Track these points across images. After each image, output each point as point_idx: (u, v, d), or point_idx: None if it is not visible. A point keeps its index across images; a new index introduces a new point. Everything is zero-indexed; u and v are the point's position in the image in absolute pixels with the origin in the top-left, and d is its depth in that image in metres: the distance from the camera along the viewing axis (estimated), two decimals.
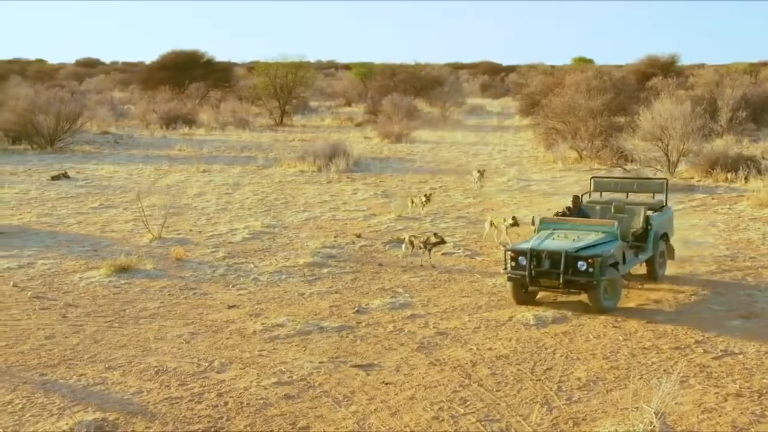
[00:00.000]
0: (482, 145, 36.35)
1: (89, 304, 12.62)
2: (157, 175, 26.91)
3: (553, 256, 11.85)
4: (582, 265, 11.69)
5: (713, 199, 22.01)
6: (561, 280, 11.81)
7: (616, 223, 12.57)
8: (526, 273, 11.98)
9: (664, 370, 9.66)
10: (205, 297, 13.09)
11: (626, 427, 8.10)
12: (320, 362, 10.10)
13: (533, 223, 13.28)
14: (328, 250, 16.11)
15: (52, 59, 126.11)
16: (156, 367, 9.95)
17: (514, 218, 16.39)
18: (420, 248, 14.89)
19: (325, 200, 22.16)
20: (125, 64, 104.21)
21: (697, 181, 24.89)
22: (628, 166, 25.97)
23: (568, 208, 13.88)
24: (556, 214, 13.75)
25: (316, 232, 17.99)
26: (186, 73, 56.40)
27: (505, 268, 12.39)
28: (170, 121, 43.50)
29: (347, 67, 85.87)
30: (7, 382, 9.44)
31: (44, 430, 8.17)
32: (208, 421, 8.44)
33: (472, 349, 10.64)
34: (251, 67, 67.05)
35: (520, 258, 12.07)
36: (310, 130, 43.88)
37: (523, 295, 12.43)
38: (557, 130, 30.90)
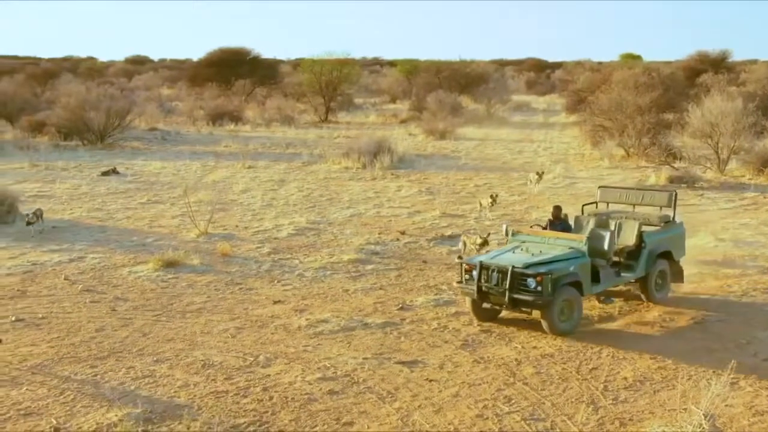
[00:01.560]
0: (528, 142, 36.06)
1: (138, 298, 12.83)
2: (204, 172, 27.21)
3: (502, 271, 10.92)
4: (531, 283, 10.69)
5: (765, 197, 21.56)
6: (506, 298, 10.84)
7: (584, 239, 11.43)
8: (475, 288, 11.11)
9: (714, 371, 9.50)
10: (250, 292, 13.21)
11: (674, 429, 7.98)
12: (364, 358, 10.13)
13: (506, 234, 12.34)
14: (372, 247, 16.14)
15: (103, 57, 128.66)
16: (202, 360, 10.07)
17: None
18: (473, 249, 14.83)
19: (369, 197, 22.20)
20: (173, 61, 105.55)
21: (749, 179, 24.39)
22: (677, 164, 25.56)
23: (550, 220, 12.83)
24: (545, 226, 12.79)
25: (360, 228, 18.04)
26: (232, 70, 56.89)
27: (460, 282, 11.54)
28: (217, 117, 43.92)
29: (392, 63, 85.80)
30: (59, 373, 9.65)
31: (95, 421, 8.33)
32: (254, 415, 8.52)
33: (516, 347, 10.58)
34: (297, 64, 67.35)
35: (474, 272, 11.18)
36: (354, 126, 43.95)
37: (483, 311, 11.50)
38: (604, 127, 30.53)
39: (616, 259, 12.14)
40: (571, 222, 12.94)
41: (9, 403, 8.77)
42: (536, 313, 11.14)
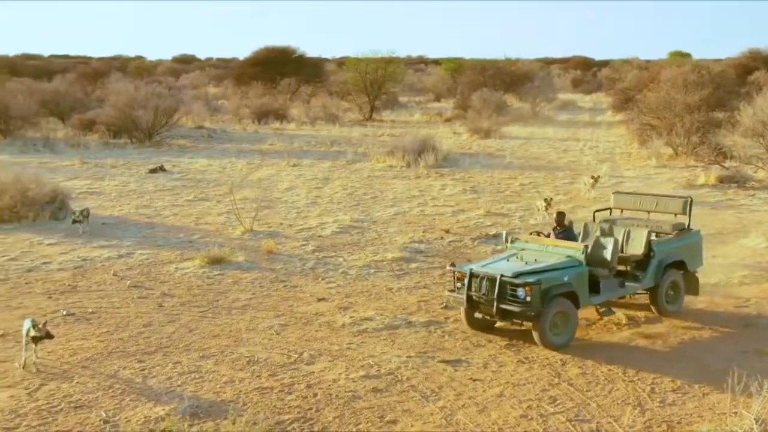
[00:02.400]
0: (573, 141, 35.74)
1: (184, 294, 12.99)
2: (249, 169, 27.45)
3: (491, 279, 10.35)
4: (521, 293, 10.09)
5: None
6: (494, 309, 10.29)
7: (582, 247, 10.78)
8: (464, 297, 10.62)
9: (766, 375, 9.29)
10: (295, 289, 13.29)
11: None
12: (408, 357, 10.13)
13: (505, 240, 11.75)
14: (416, 245, 16.13)
15: (151, 56, 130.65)
16: (247, 357, 10.16)
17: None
18: None
19: (413, 195, 22.19)
20: (219, 60, 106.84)
21: None
22: (727, 164, 25.08)
23: (554, 228, 12.19)
24: (548, 234, 12.11)
25: (404, 227, 18.04)
26: (278, 69, 57.30)
27: (452, 290, 11.05)
28: (262, 116, 44.32)
29: (437, 62, 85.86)
30: (108, 367, 9.81)
31: (142, 415, 8.45)
32: (298, 412, 8.57)
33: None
34: (342, 63, 67.67)
35: (465, 280, 10.67)
36: (399, 125, 43.99)
37: (477, 320, 10.94)
38: (652, 125, 30.12)
39: (622, 268, 11.47)
40: (580, 229, 12.28)
41: (60, 396, 8.96)
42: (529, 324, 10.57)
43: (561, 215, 12.32)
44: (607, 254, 11.11)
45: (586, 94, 69.59)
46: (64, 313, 11.92)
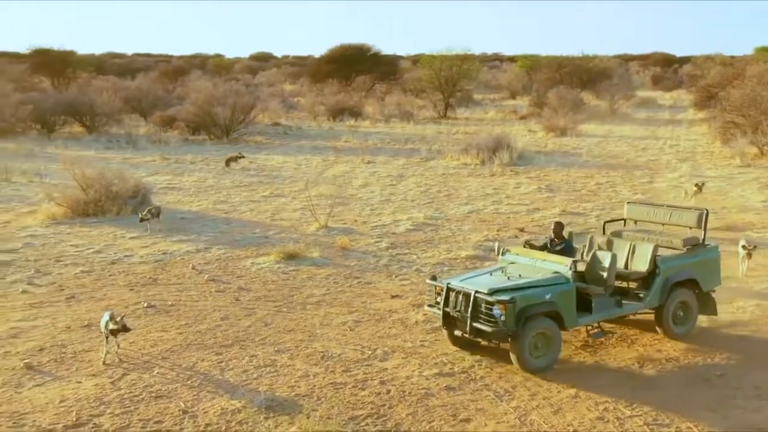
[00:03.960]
0: (652, 139, 34.96)
1: (260, 289, 13.20)
2: (324, 166, 27.70)
3: (466, 295, 9.64)
4: (497, 312, 9.23)
5: None
6: (468, 327, 9.59)
7: (569, 262, 9.86)
8: (441, 313, 9.97)
9: None
10: (368, 286, 13.36)
11: None
12: (482, 355, 10.07)
13: (497, 253, 10.91)
14: (490, 244, 16.00)
15: (229, 54, 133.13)
16: (321, 352, 10.27)
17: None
18: None
19: (487, 193, 22.05)
20: (296, 57, 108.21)
21: None
22: None
23: (552, 240, 11.18)
24: (543, 246, 11.16)
25: (478, 225, 17.94)
26: (353, 67, 57.78)
27: (431, 305, 10.29)
28: (337, 113, 44.69)
29: (512, 59, 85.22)
30: (186, 359, 10.05)
31: (219, 407, 8.63)
32: (371, 408, 8.62)
33: (638, 349, 10.28)
34: (416, 60, 67.79)
35: (443, 294, 10.02)
36: (473, 122, 43.77)
37: (459, 337, 10.16)
38: (736, 124, 29.22)
39: (623, 285, 10.67)
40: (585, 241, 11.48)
41: (142, 386, 9.22)
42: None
43: (559, 226, 11.24)
44: (603, 271, 10.22)
45: (666, 92, 67.97)
46: (145, 305, 12.25)
